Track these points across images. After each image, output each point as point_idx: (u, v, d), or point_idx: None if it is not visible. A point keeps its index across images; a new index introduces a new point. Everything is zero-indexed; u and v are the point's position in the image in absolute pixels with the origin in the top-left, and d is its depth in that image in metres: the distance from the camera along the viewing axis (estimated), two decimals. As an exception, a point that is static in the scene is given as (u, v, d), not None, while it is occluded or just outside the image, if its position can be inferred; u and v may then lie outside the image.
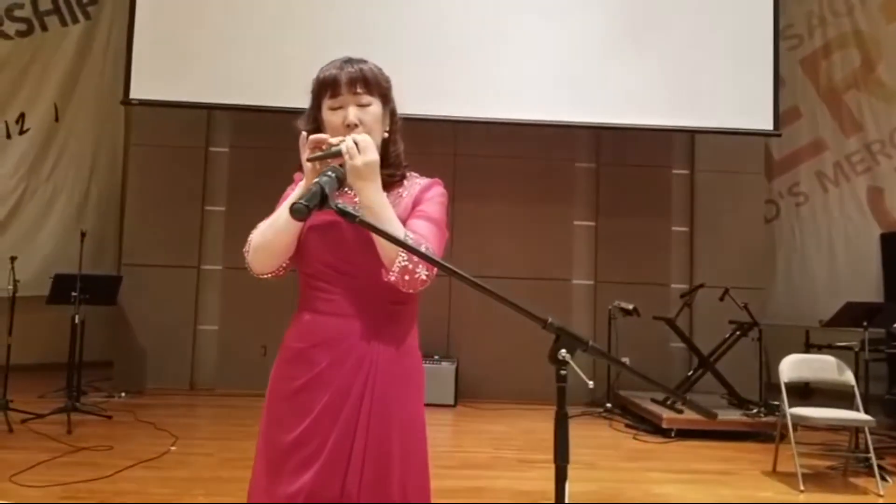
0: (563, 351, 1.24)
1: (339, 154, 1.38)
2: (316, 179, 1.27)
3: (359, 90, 1.47)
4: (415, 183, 1.55)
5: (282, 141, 6.80)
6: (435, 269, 1.37)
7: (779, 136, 5.91)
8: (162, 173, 6.00)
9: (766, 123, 5.63)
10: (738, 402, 5.14)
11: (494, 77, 5.53)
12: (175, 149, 6.04)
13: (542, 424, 5.11)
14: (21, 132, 6.34)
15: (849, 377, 4.01)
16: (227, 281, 6.03)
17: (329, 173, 1.30)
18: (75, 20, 6.58)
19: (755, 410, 4.94)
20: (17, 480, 3.41)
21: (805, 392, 5.77)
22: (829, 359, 4.10)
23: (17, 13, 6.29)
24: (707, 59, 5.64)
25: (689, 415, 4.95)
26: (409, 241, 1.35)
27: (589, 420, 5.32)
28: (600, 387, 5.74)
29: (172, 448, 4.08)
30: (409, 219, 1.46)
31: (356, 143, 1.37)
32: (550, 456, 4.29)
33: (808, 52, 6.88)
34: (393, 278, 1.37)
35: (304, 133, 1.44)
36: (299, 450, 1.41)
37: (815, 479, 3.95)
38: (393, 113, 1.56)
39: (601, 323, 5.83)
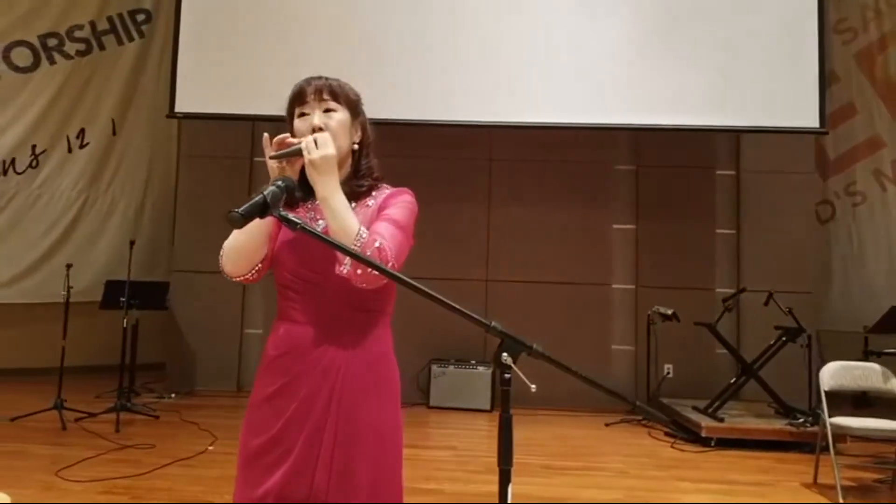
0: (505, 354, 1.24)
1: (299, 152, 1.44)
2: (263, 188, 1.32)
3: (325, 97, 1.53)
4: (383, 192, 1.59)
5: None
6: (389, 263, 1.40)
7: (825, 133, 5.68)
8: (210, 183, 6.24)
9: (813, 121, 5.41)
10: (784, 410, 4.96)
11: (529, 80, 5.51)
12: (222, 159, 6.28)
13: (575, 431, 5.06)
14: (81, 146, 6.70)
15: (894, 385, 3.82)
16: (271, 286, 6.18)
17: (278, 183, 1.34)
18: (130, 38, 6.91)
19: (801, 420, 4.76)
20: (63, 475, 3.61)
21: (861, 401, 5.52)
22: (872, 366, 3.92)
23: (77, 34, 6.65)
24: (751, 55, 5.47)
25: (731, 423, 4.81)
26: (363, 237, 1.39)
27: (628, 427, 5.23)
28: (641, 394, 5.63)
29: (210, 448, 4.23)
30: (373, 222, 1.49)
31: (315, 141, 1.42)
32: (579, 463, 4.29)
33: (863, 46, 6.58)
34: (345, 272, 1.40)
35: (265, 134, 1.49)
36: (268, 453, 1.47)
37: (859, 492, 3.78)
38: (364, 126, 1.61)
39: (643, 328, 5.72)
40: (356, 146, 1.58)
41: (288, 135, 1.50)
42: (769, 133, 5.64)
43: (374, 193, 1.58)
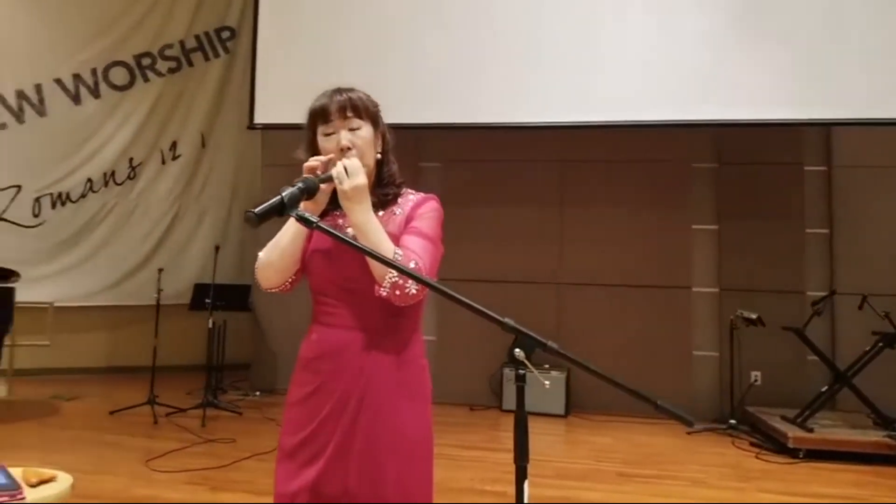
0: (518, 350, 1.23)
1: (330, 179, 1.48)
2: (282, 189, 1.36)
3: (349, 115, 1.55)
4: (408, 199, 1.62)
5: (397, 156, 7.07)
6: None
7: (926, 125, 5.27)
8: (290, 190, 6.45)
9: (913, 112, 5.04)
10: (882, 421, 4.63)
11: (600, 76, 5.38)
12: (300, 167, 6.47)
13: (651, 438, 4.91)
14: (174, 158, 7.10)
15: None
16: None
17: (298, 185, 1.39)
18: (216, 55, 7.27)
19: (901, 431, 4.44)
20: (151, 465, 3.83)
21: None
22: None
23: (168, 52, 7.06)
24: (842, 42, 5.14)
25: (821, 434, 4.54)
26: (399, 259, 1.42)
27: (711, 436, 5.02)
28: (725, 401, 5.40)
29: (286, 445, 4.37)
30: (403, 234, 1.52)
31: (345, 169, 1.46)
32: (654, 471, 4.19)
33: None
34: (384, 293, 1.44)
35: (304, 165, 1.53)
36: (303, 451, 1.53)
37: (964, 511, 3.49)
38: (384, 135, 1.63)
39: (728, 334, 5.48)
40: (379, 155, 1.60)
41: (319, 157, 1.53)
42: (865, 126, 5.30)
43: (399, 201, 1.61)
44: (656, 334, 5.79)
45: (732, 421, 5.13)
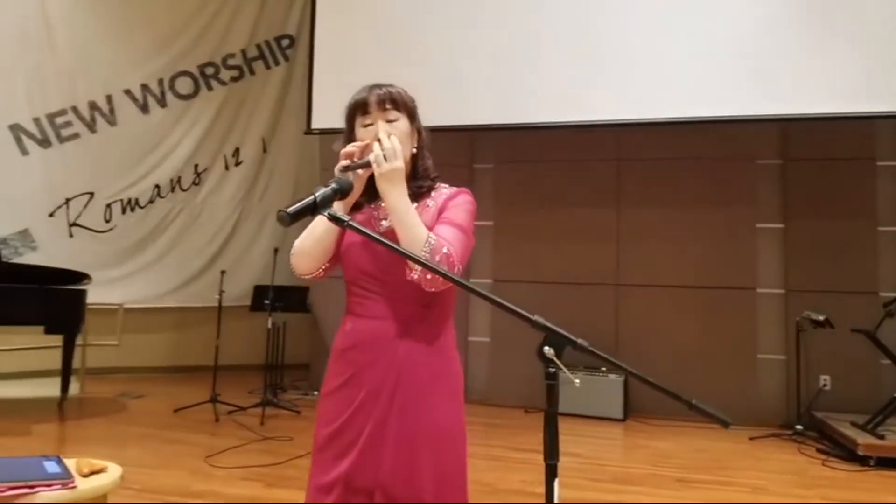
0: (547, 348, 1.21)
1: (368, 164, 1.50)
2: (315, 189, 1.38)
3: (387, 107, 1.59)
4: (441, 193, 1.63)
5: (453, 158, 7.06)
6: (456, 268, 1.45)
7: None
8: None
9: None
10: (964, 429, 4.37)
11: (659, 71, 5.26)
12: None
13: (712, 443, 4.76)
14: (237, 164, 7.32)
15: None
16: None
17: (332, 185, 1.41)
18: (276, 63, 7.46)
19: (985, 441, 4.16)
20: (210, 461, 3.95)
21: None
22: None
23: (230, 62, 7.29)
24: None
25: (894, 441, 4.30)
26: (432, 243, 1.44)
27: (775, 442, 4.83)
28: (792, 406, 5.19)
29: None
30: (435, 224, 1.53)
31: (384, 153, 1.48)
32: (714, 477, 4.06)
33: None
34: (415, 277, 1.46)
35: (340, 150, 1.57)
36: (337, 442, 1.54)
37: None
38: (420, 130, 1.65)
39: (795, 336, 5.26)
40: (415, 150, 1.63)
41: (357, 143, 1.56)
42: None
43: (433, 194, 1.62)
44: (719, 337, 5.61)
45: (798, 427, 4.92)
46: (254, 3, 7.37)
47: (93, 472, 2.01)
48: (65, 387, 5.14)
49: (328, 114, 6.00)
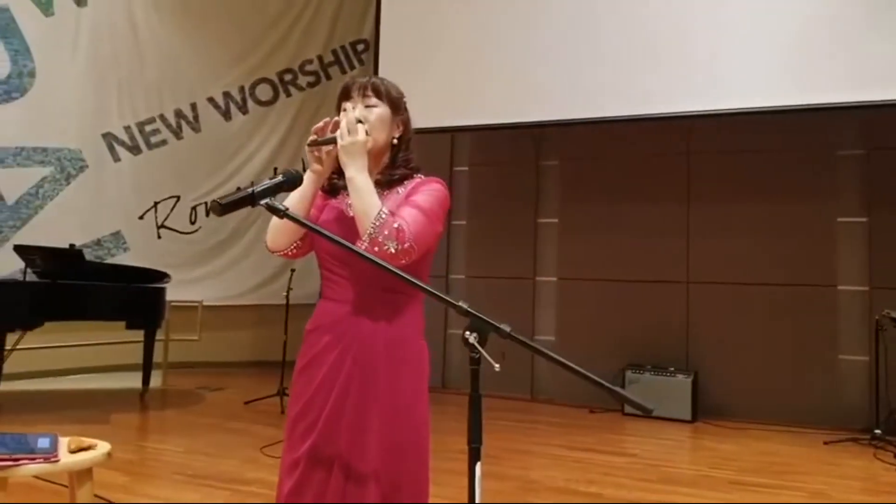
0: (467, 333, 1.23)
1: (334, 141, 1.55)
2: (255, 182, 1.45)
3: (368, 93, 1.65)
4: (414, 181, 1.66)
5: (516, 156, 7.05)
6: (407, 243, 1.46)
7: None
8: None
9: None
10: None
11: (728, 61, 5.02)
12: (425, 171, 6.70)
13: (783, 447, 4.52)
14: (313, 167, 7.57)
15: None
16: (469, 289, 6.48)
17: (279, 177, 1.47)
18: (352, 67, 7.69)
19: None
20: (265, 451, 4.10)
21: None
22: None
23: (308, 68, 7.57)
24: None
25: None
26: (382, 217, 1.47)
27: (852, 447, 4.52)
28: (870, 407, 4.84)
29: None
30: (401, 206, 1.56)
31: (347, 129, 1.53)
32: (773, 481, 3.90)
33: None
34: (363, 247, 1.47)
35: (312, 128, 1.62)
36: (303, 420, 1.60)
37: None
38: (405, 123, 1.69)
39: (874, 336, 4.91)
40: (395, 141, 1.66)
41: (326, 120, 1.61)
42: None
43: (405, 182, 1.65)
44: (797, 337, 5.31)
45: (877, 430, 4.58)
46: (330, 10, 7.62)
47: (80, 449, 2.17)
48: (146, 379, 5.50)
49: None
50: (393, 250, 1.46)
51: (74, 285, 4.92)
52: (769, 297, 5.42)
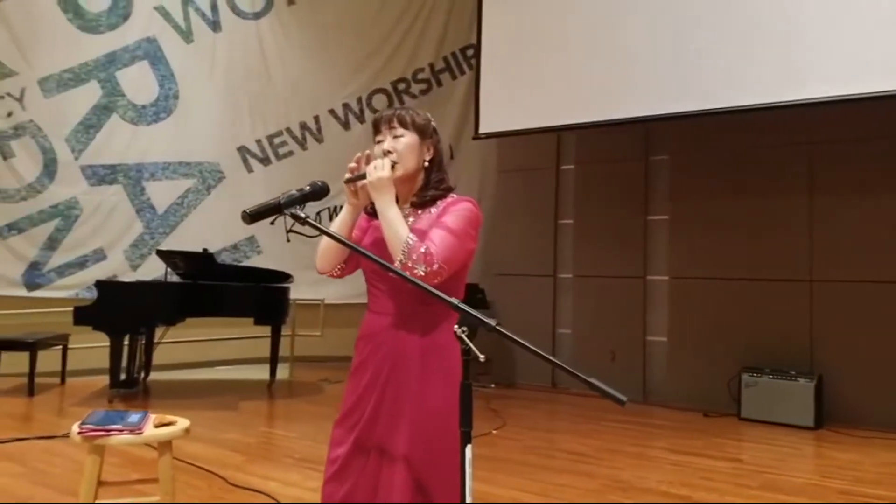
0: (456, 326, 1.36)
1: (364, 176, 1.73)
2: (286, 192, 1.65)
3: (394, 125, 1.80)
4: (446, 201, 1.80)
5: (622, 152, 7.02)
6: (436, 265, 1.61)
7: None
8: (519, 194, 6.81)
9: None
10: None
11: (853, 41, 4.68)
12: (530, 171, 6.82)
13: (911, 459, 4.15)
14: (427, 171, 7.85)
15: None
16: (577, 288, 6.46)
17: (306, 187, 1.68)
18: (462, 72, 7.88)
19: None
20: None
21: None
22: None
23: (420, 76, 7.85)
24: None
25: None
26: (410, 243, 1.62)
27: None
28: None
29: (494, 431, 4.64)
30: (432, 227, 1.71)
31: (374, 166, 1.70)
32: (889, 492, 3.78)
33: None
34: (397, 264, 1.62)
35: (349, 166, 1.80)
36: (350, 417, 1.80)
37: None
38: (435, 146, 1.83)
39: None
40: (427, 163, 1.80)
41: (358, 156, 1.78)
42: None
43: (438, 203, 1.79)
44: (936, 340, 4.85)
45: None
46: (440, 18, 7.86)
47: (163, 424, 2.49)
48: (273, 371, 6.00)
49: (495, 119, 6.26)
50: (422, 273, 1.60)
51: (211, 285, 5.47)
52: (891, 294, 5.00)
